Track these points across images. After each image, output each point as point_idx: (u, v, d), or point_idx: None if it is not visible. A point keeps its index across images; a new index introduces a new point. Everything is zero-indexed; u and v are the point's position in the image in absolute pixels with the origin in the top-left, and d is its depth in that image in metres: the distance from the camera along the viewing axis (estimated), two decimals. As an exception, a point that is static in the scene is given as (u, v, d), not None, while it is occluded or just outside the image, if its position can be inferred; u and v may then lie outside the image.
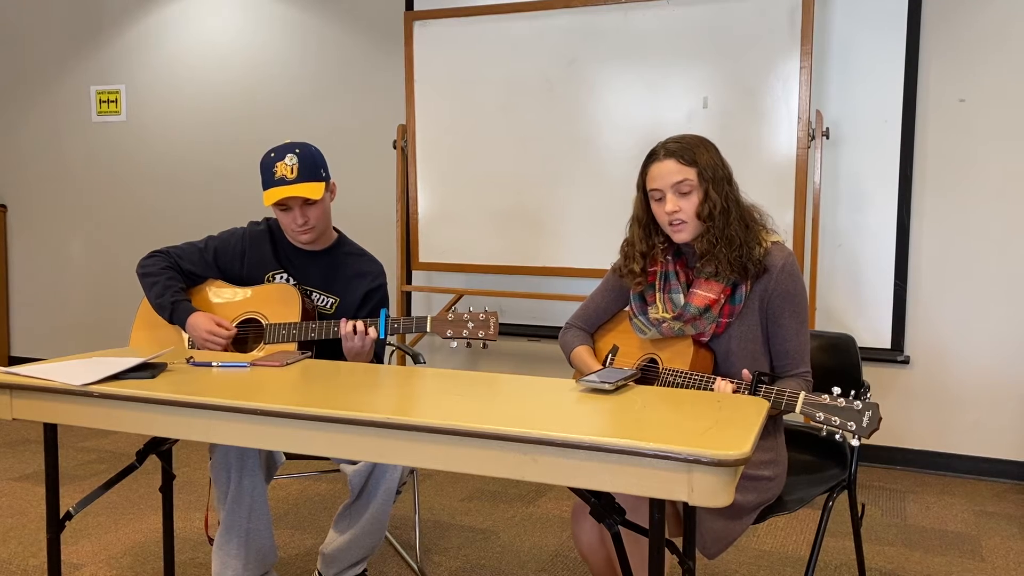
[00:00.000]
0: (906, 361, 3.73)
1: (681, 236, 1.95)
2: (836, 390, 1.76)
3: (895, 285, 3.72)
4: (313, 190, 2.26)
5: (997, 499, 3.41)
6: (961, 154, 3.62)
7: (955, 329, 3.68)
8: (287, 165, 2.26)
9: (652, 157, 1.97)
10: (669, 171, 1.92)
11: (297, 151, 2.28)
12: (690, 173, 1.91)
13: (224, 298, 2.39)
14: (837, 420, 1.72)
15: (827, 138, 3.64)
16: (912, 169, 3.67)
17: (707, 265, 1.93)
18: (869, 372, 3.76)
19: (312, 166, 2.28)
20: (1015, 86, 3.53)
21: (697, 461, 1.29)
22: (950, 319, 3.68)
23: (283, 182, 2.25)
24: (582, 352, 2.12)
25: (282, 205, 2.29)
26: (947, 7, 3.60)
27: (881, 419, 1.71)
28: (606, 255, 2.18)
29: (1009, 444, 3.64)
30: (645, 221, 2.02)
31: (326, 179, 2.32)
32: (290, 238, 2.40)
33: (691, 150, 1.92)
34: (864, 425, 1.70)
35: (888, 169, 3.69)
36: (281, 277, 2.40)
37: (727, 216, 1.91)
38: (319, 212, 2.32)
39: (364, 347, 2.20)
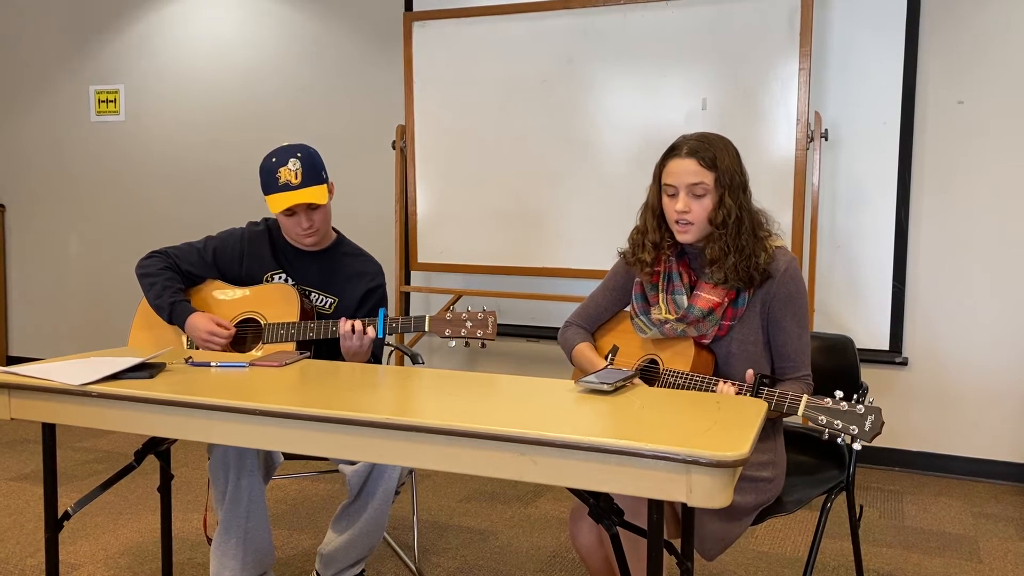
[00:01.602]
0: (904, 363, 3.74)
1: (685, 237, 1.94)
2: (839, 393, 1.75)
3: (893, 287, 3.72)
4: (319, 194, 2.26)
5: (995, 501, 3.42)
6: (960, 156, 3.63)
7: (953, 331, 3.68)
8: (291, 170, 2.26)
9: (673, 151, 1.94)
10: (687, 170, 1.90)
11: (299, 155, 2.28)
12: (707, 176, 1.89)
13: (223, 298, 2.39)
14: (839, 424, 1.71)
15: (826, 139, 3.65)
16: (911, 171, 3.68)
17: (716, 272, 1.92)
18: (867, 373, 3.74)
19: (314, 169, 2.29)
20: (1014, 88, 3.54)
21: (695, 462, 1.29)
22: (948, 321, 3.69)
23: (288, 187, 2.25)
24: (584, 348, 2.11)
25: (288, 211, 2.29)
26: (946, 9, 3.60)
27: (883, 423, 1.70)
28: (605, 255, 2.18)
29: (1007, 446, 3.65)
30: (659, 211, 1.99)
31: (327, 180, 2.33)
32: (293, 241, 2.39)
33: (712, 152, 1.89)
34: (867, 429, 1.69)
35: (887, 171, 3.69)
36: (280, 277, 2.40)
37: (740, 225, 1.89)
38: (323, 215, 2.32)
39: (362, 347, 2.20)
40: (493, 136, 3.98)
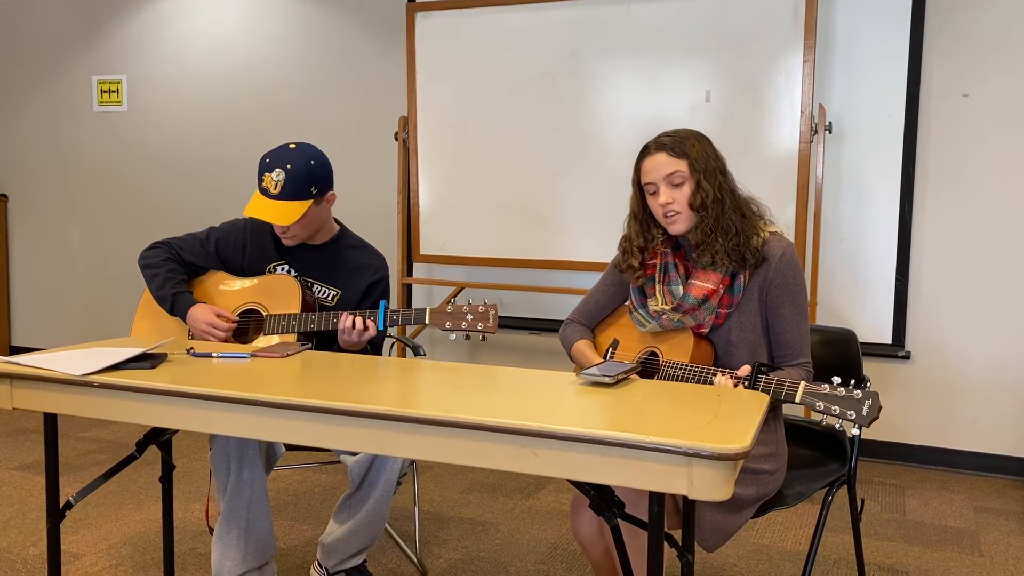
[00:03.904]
0: (907, 356, 3.73)
1: (677, 228, 1.96)
2: (836, 379, 1.75)
3: (896, 280, 3.72)
4: (286, 213, 2.22)
5: (996, 495, 3.42)
6: (964, 149, 3.62)
7: (956, 325, 3.68)
8: (274, 180, 2.23)
9: (644, 152, 1.99)
10: (661, 164, 1.93)
11: (288, 167, 2.23)
12: (681, 165, 1.92)
13: (225, 289, 2.39)
14: (837, 409, 1.72)
15: (830, 132, 3.63)
16: (914, 164, 3.67)
17: (703, 255, 1.94)
18: (870, 367, 3.76)
19: (299, 184, 2.23)
20: (1019, 81, 3.52)
21: (697, 455, 1.29)
22: (951, 315, 3.68)
23: (265, 193, 2.25)
24: (582, 347, 2.13)
25: None
26: (951, 1, 3.58)
27: (881, 408, 1.70)
28: (607, 249, 2.18)
29: (1009, 440, 3.64)
30: (642, 216, 2.03)
31: (316, 195, 2.27)
32: None
33: (681, 142, 1.93)
34: (864, 414, 1.69)
35: (890, 164, 3.68)
36: (282, 268, 2.40)
37: (721, 206, 1.91)
38: (299, 227, 2.29)
39: (360, 341, 2.21)
40: (496, 128, 3.97)
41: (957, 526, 3.06)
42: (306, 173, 2.24)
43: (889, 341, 3.75)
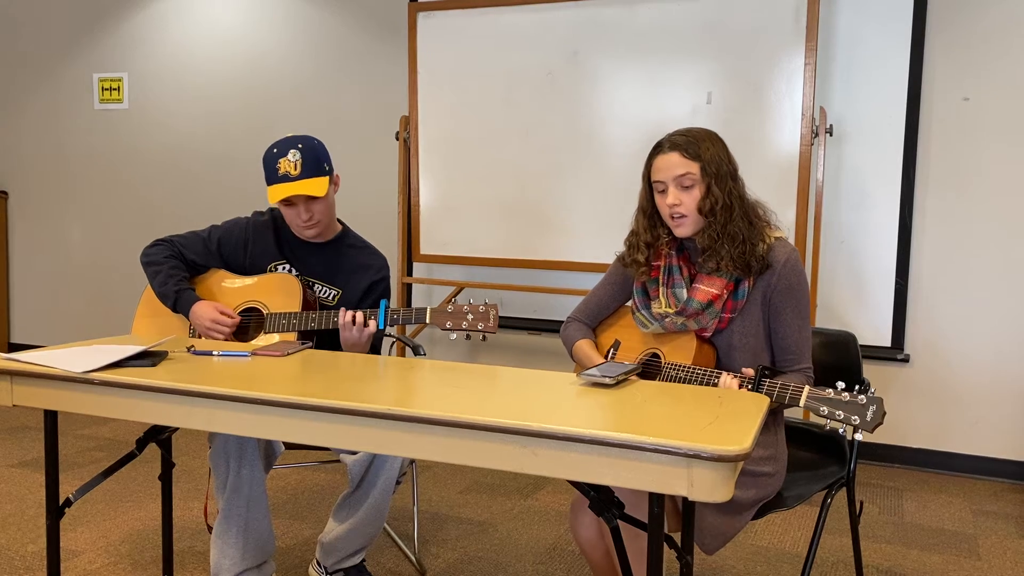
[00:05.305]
0: (906, 359, 3.73)
1: (682, 230, 1.95)
2: (840, 384, 1.75)
3: (896, 283, 3.72)
4: (317, 186, 2.26)
5: (995, 498, 3.42)
6: (964, 153, 3.62)
7: (955, 328, 3.68)
8: (290, 161, 2.25)
9: (658, 148, 1.97)
10: (672, 164, 1.92)
11: (300, 146, 2.27)
12: (693, 167, 1.90)
13: (226, 287, 2.39)
14: (841, 414, 1.72)
15: (831, 135, 3.64)
16: (915, 167, 3.67)
17: (709, 261, 1.93)
18: (869, 370, 3.76)
19: (315, 161, 2.28)
20: (1020, 85, 3.52)
21: (697, 456, 1.29)
22: (951, 318, 3.68)
23: (287, 178, 2.25)
24: (584, 346, 2.12)
25: (287, 201, 2.29)
26: (953, 4, 3.59)
27: (885, 413, 1.69)
28: (608, 249, 2.18)
29: (1008, 443, 3.65)
30: (650, 211, 2.01)
31: (329, 172, 2.32)
32: (296, 233, 2.39)
33: (696, 144, 1.91)
34: (868, 419, 1.69)
35: (891, 167, 3.68)
36: (284, 268, 2.40)
37: (729, 212, 1.90)
38: (324, 207, 2.31)
39: (361, 338, 2.21)
40: (497, 128, 3.97)
41: (955, 529, 3.06)
42: (316, 150, 2.30)
43: (888, 344, 3.75)
